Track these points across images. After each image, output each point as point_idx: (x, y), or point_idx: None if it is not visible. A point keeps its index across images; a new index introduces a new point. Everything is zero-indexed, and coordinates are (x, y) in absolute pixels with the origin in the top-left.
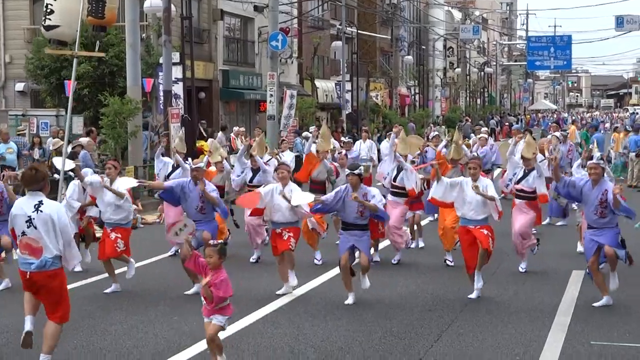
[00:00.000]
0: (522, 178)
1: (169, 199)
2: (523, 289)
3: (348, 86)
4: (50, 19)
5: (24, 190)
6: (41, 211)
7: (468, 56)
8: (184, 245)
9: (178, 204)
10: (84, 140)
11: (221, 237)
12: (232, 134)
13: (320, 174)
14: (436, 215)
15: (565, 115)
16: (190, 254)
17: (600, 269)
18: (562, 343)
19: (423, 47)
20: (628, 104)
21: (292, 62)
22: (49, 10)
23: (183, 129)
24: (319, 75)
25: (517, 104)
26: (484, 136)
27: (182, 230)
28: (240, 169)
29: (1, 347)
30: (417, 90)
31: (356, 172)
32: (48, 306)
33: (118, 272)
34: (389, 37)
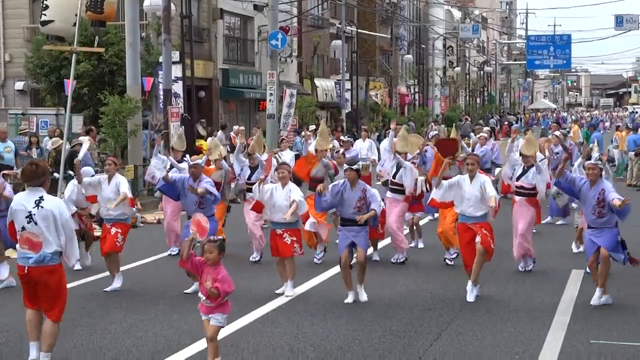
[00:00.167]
0: (521, 175)
1: (170, 192)
2: (522, 288)
3: (348, 85)
4: (45, 14)
5: (24, 188)
6: (42, 207)
7: (468, 55)
8: (184, 244)
9: (178, 199)
10: (84, 139)
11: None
12: (232, 132)
13: (319, 171)
14: (436, 215)
15: (565, 114)
16: (189, 254)
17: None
18: (562, 342)
19: (423, 46)
20: (627, 103)
21: (291, 61)
22: (44, 6)
23: (182, 127)
24: (318, 74)
25: (516, 103)
26: (484, 135)
27: (196, 245)
28: (238, 167)
29: (1, 345)
30: (416, 89)
31: (354, 167)
32: (45, 303)
33: (122, 269)
34: (389, 36)
